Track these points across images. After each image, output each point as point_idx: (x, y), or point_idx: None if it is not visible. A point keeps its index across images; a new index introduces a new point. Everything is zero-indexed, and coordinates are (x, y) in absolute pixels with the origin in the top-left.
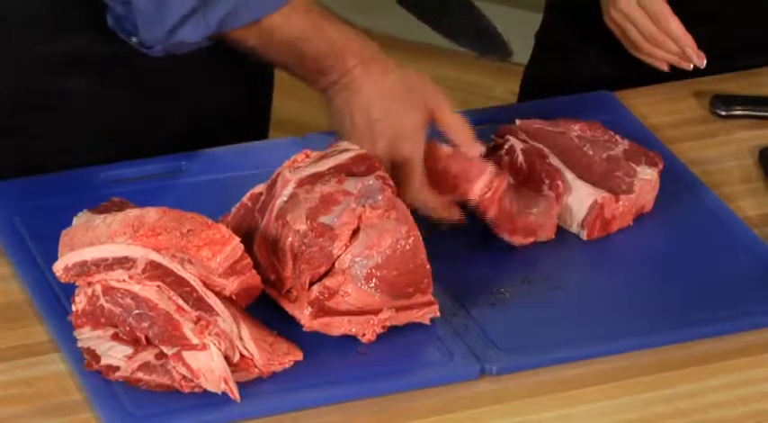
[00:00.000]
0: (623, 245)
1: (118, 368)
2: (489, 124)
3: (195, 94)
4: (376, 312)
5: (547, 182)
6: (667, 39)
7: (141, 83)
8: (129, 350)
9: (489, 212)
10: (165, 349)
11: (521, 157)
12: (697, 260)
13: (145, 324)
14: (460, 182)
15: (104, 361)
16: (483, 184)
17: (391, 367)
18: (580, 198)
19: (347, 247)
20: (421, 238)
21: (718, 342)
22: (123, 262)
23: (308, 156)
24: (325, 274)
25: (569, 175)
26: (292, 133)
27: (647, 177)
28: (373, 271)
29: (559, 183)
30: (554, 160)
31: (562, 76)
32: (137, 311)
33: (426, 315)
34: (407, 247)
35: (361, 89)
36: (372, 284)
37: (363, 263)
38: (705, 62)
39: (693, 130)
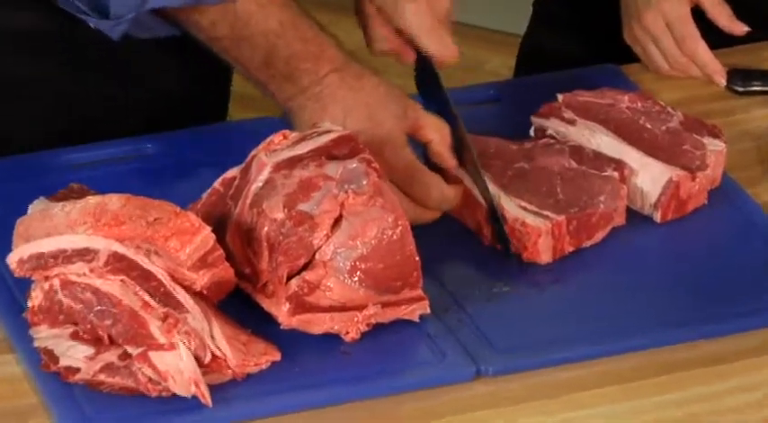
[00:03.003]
0: (628, 235)
1: (78, 370)
2: (483, 103)
3: (150, 72)
4: (360, 308)
5: (612, 163)
6: (691, 64)
7: (94, 62)
8: (90, 350)
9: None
10: (129, 349)
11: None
12: (709, 250)
13: (107, 322)
14: (523, 251)
15: (63, 362)
16: (548, 249)
17: (377, 368)
18: (652, 177)
19: (329, 237)
20: (410, 228)
21: (733, 340)
22: (83, 254)
23: (285, 137)
24: (305, 267)
25: (636, 153)
26: (258, 112)
27: (718, 149)
28: (357, 263)
29: (626, 161)
30: (612, 138)
31: (562, 49)
32: (98, 308)
33: (416, 311)
34: (395, 236)
35: (336, 98)
36: (356, 278)
37: (346, 254)
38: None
39: (707, 107)
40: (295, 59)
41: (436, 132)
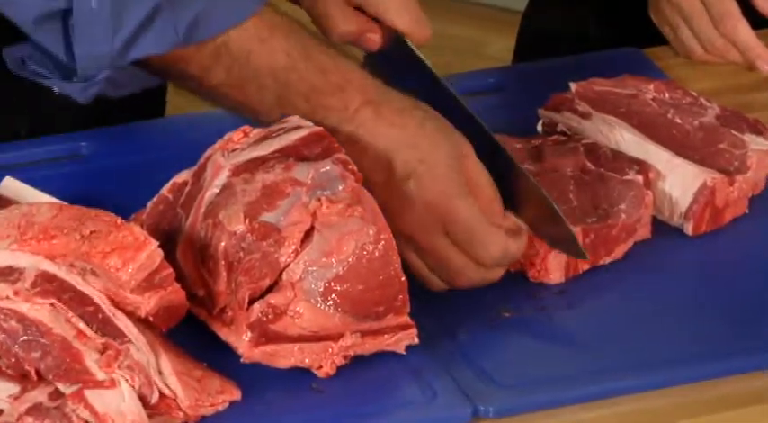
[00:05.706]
0: (654, 251)
1: (1, 412)
2: (482, 92)
3: None
4: (335, 338)
5: (635, 165)
6: (730, 47)
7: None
8: (14, 388)
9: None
10: (61, 387)
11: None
12: (750, 268)
13: (35, 354)
14: (529, 269)
15: None
16: (559, 268)
17: (355, 409)
18: (683, 181)
19: (298, 253)
20: (394, 242)
21: None
22: (6, 273)
23: (246, 134)
24: (270, 289)
25: (663, 153)
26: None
27: (761, 148)
28: (332, 284)
29: (652, 163)
30: (635, 134)
31: (574, 28)
32: (24, 338)
33: (401, 341)
34: (376, 252)
35: (375, 138)
36: (331, 302)
37: (319, 274)
38: None
39: (749, 99)
40: (316, 95)
41: (487, 188)
